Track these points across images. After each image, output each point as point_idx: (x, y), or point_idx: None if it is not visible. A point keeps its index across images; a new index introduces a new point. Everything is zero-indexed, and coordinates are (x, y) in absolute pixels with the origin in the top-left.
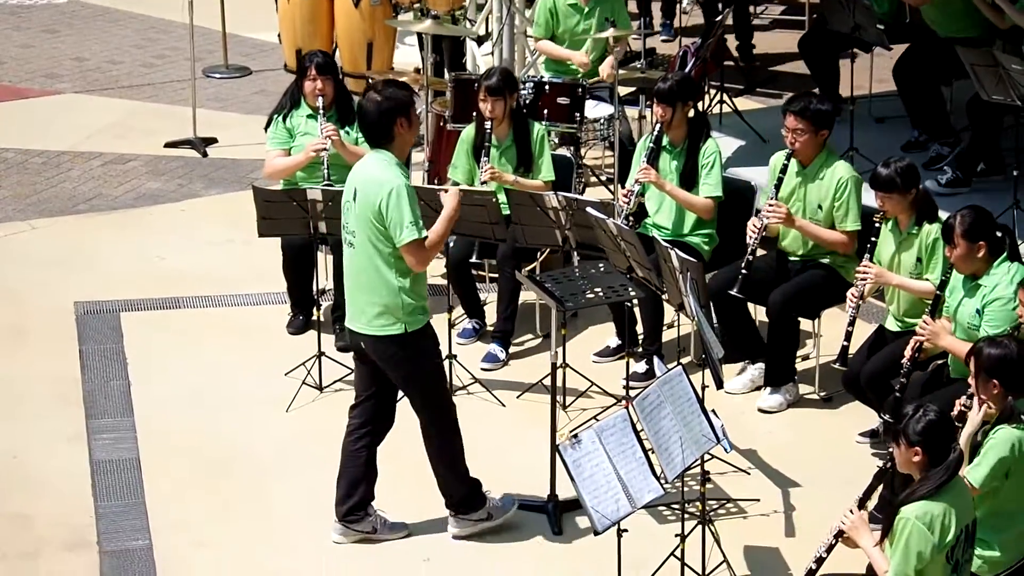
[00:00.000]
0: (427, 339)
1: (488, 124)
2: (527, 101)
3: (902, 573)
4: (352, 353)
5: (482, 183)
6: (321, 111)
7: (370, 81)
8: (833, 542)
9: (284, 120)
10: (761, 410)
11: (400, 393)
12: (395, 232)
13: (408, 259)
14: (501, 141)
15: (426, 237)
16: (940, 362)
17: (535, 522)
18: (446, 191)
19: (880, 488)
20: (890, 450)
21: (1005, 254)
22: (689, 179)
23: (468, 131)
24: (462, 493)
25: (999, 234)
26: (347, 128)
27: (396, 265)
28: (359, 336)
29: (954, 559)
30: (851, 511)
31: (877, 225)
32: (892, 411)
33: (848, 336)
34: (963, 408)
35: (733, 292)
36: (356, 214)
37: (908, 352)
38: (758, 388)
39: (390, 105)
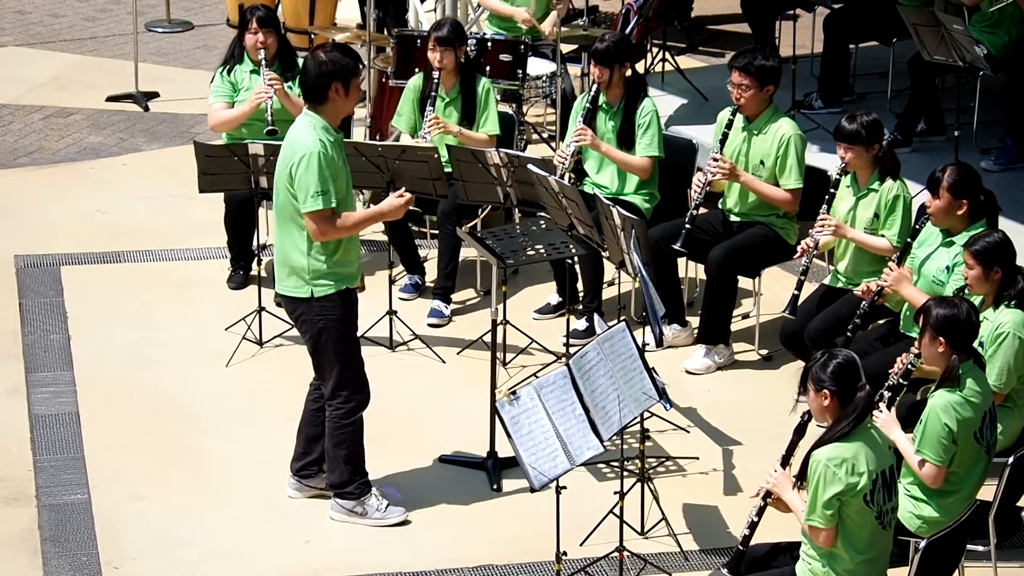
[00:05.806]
0: (337, 306)
1: (436, 74)
2: (469, 58)
3: (816, 515)
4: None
5: (426, 132)
6: (264, 63)
7: (312, 37)
8: (763, 504)
9: (228, 74)
10: (688, 371)
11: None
12: (301, 198)
13: (309, 226)
14: (447, 93)
15: (331, 210)
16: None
17: (474, 479)
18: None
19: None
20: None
21: (984, 219)
22: (626, 139)
23: (415, 80)
24: (342, 479)
25: (982, 198)
26: (290, 83)
27: (305, 228)
28: (279, 295)
29: (875, 505)
30: (774, 470)
31: (836, 177)
32: None
33: (800, 285)
34: (907, 365)
35: (676, 247)
36: (276, 173)
37: (866, 295)
38: (672, 347)
39: (330, 68)
